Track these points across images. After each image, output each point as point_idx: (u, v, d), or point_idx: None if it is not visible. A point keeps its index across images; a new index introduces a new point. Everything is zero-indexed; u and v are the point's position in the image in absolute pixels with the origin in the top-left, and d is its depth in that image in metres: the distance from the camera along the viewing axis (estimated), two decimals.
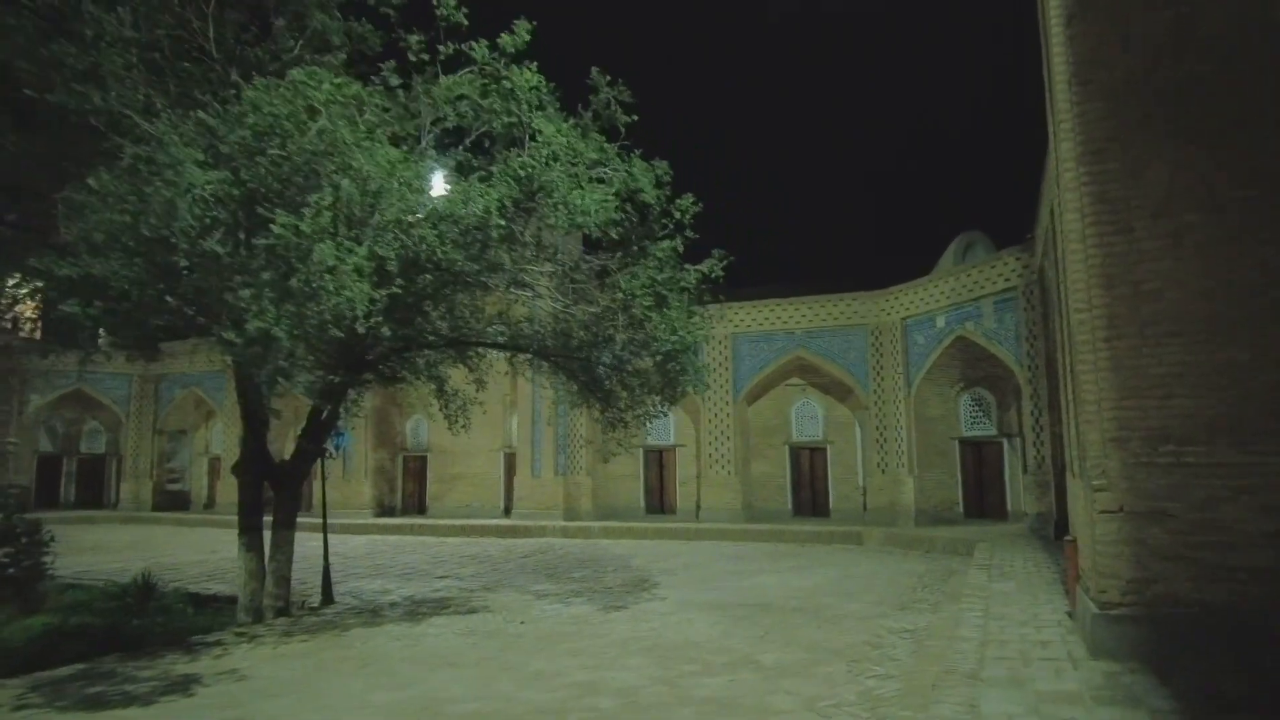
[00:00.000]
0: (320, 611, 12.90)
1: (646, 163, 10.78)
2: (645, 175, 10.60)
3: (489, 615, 11.98)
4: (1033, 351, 17.73)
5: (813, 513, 24.22)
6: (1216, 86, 6.72)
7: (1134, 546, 6.38)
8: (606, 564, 17.35)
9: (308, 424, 13.45)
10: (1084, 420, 6.79)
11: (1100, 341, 6.70)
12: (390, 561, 19.05)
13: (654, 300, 10.30)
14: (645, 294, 10.21)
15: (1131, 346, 6.64)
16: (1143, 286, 6.67)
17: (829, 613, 11.20)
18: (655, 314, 10.31)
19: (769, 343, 23.61)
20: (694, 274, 11.22)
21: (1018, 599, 9.82)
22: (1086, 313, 6.80)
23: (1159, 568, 6.30)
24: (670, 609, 11.86)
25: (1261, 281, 6.49)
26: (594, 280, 11.46)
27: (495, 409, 27.37)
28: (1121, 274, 6.72)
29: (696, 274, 11.19)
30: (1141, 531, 6.38)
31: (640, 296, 10.22)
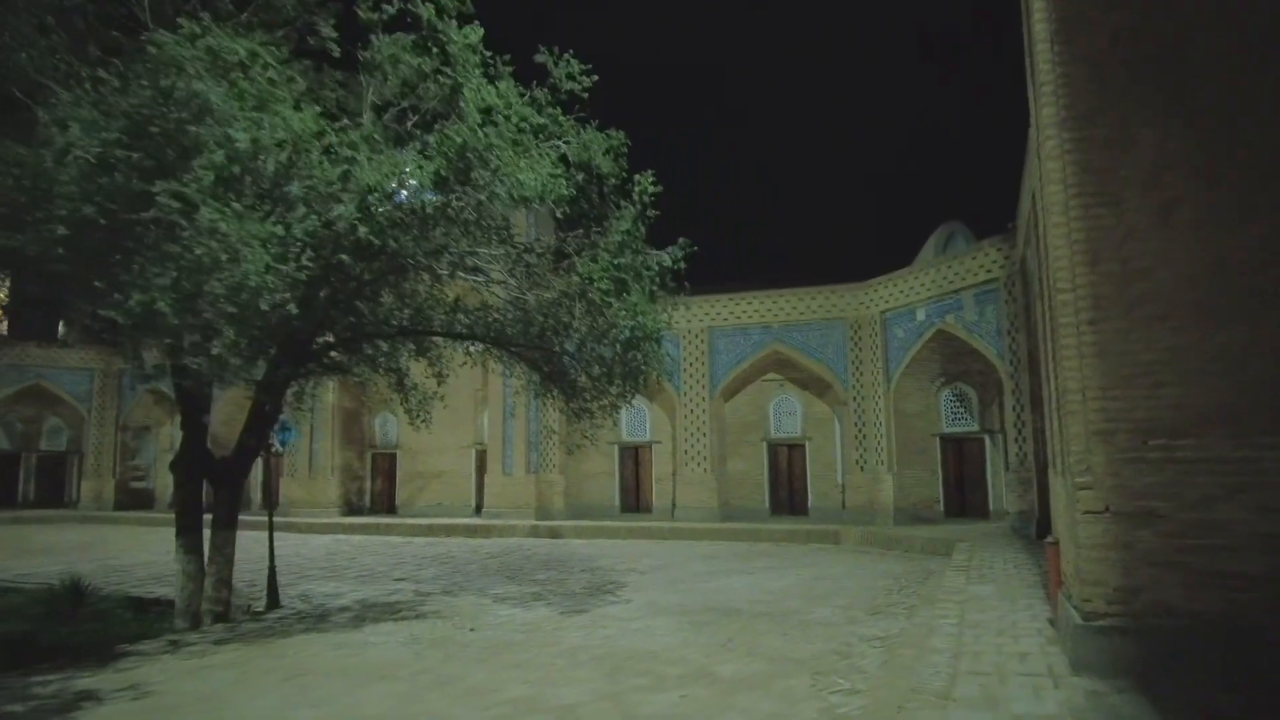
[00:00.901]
0: (264, 616, 12.17)
1: (602, 133, 10.10)
2: (599, 143, 9.92)
3: (439, 621, 11.29)
4: (1014, 345, 17.19)
5: (790, 511, 23.64)
6: (1209, 47, 6.12)
7: (1121, 551, 5.77)
8: (573, 565, 16.68)
9: (249, 419, 12.70)
10: (1067, 411, 6.18)
11: (1085, 325, 6.08)
12: (350, 563, 18.30)
13: (613, 285, 9.61)
14: (603, 278, 9.52)
15: (1118, 330, 6.02)
16: (1131, 264, 6.05)
17: (798, 618, 10.58)
18: (614, 299, 9.62)
19: (745, 337, 22.99)
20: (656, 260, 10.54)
21: (996, 604, 9.22)
22: (1070, 293, 6.18)
23: (1148, 574, 5.69)
24: (631, 614, 11.20)
25: (1260, 259, 5.89)
26: (551, 264, 10.76)
27: (466, 404, 26.66)
28: (1108, 250, 6.11)
29: (658, 261, 10.51)
30: (1129, 534, 5.77)
31: (598, 281, 9.53)
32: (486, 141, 8.49)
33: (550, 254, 10.72)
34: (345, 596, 13.74)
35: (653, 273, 10.34)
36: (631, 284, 9.70)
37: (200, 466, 12.58)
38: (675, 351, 23.63)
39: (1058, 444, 7.24)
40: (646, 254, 10.35)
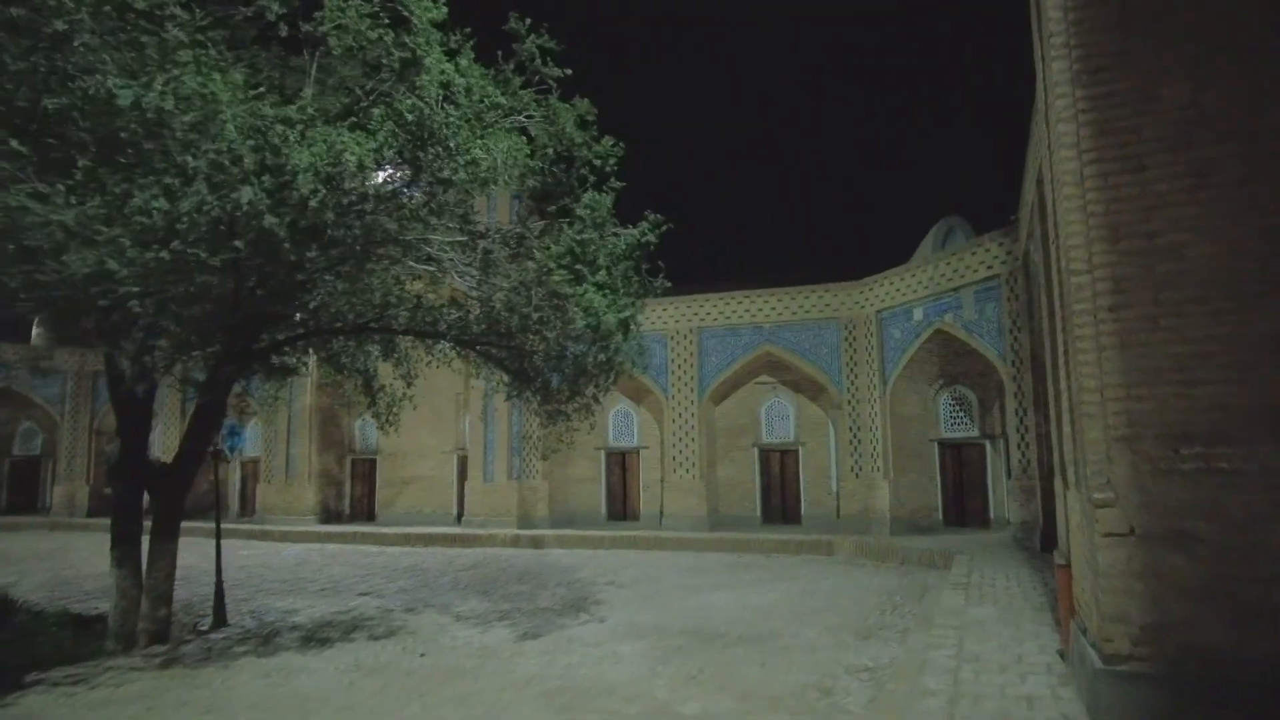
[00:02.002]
0: (206, 636, 11.23)
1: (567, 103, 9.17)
2: (566, 114, 8.99)
3: (390, 643, 10.36)
4: (1017, 344, 16.24)
5: (783, 519, 22.65)
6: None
7: (1150, 581, 4.83)
8: (550, 578, 15.72)
9: (191, 421, 11.77)
10: (1082, 414, 5.23)
11: (1104, 312, 5.14)
12: (317, 574, 17.33)
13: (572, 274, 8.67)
14: (561, 267, 8.58)
15: (1145, 317, 5.09)
16: (1159, 240, 5.11)
17: (780, 642, 9.62)
18: (570, 288, 8.67)
19: (736, 337, 22.05)
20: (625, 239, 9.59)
21: (998, 631, 8.26)
22: (1086, 275, 5.24)
23: (1183, 610, 4.75)
24: (599, 637, 10.24)
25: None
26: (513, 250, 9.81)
27: (448, 408, 25.72)
28: (1131, 223, 5.17)
29: (629, 238, 9.56)
30: (1160, 561, 4.83)
31: (556, 270, 8.59)
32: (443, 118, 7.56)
33: (513, 239, 9.78)
34: (301, 613, 12.81)
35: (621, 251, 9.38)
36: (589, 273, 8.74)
37: (140, 473, 11.63)
38: (663, 353, 22.70)
39: (1069, 451, 6.30)
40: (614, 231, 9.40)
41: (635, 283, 10.84)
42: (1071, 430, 5.85)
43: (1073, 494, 6.33)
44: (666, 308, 22.61)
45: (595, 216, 9.50)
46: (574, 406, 12.60)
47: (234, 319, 10.25)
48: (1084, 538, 5.47)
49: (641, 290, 10.97)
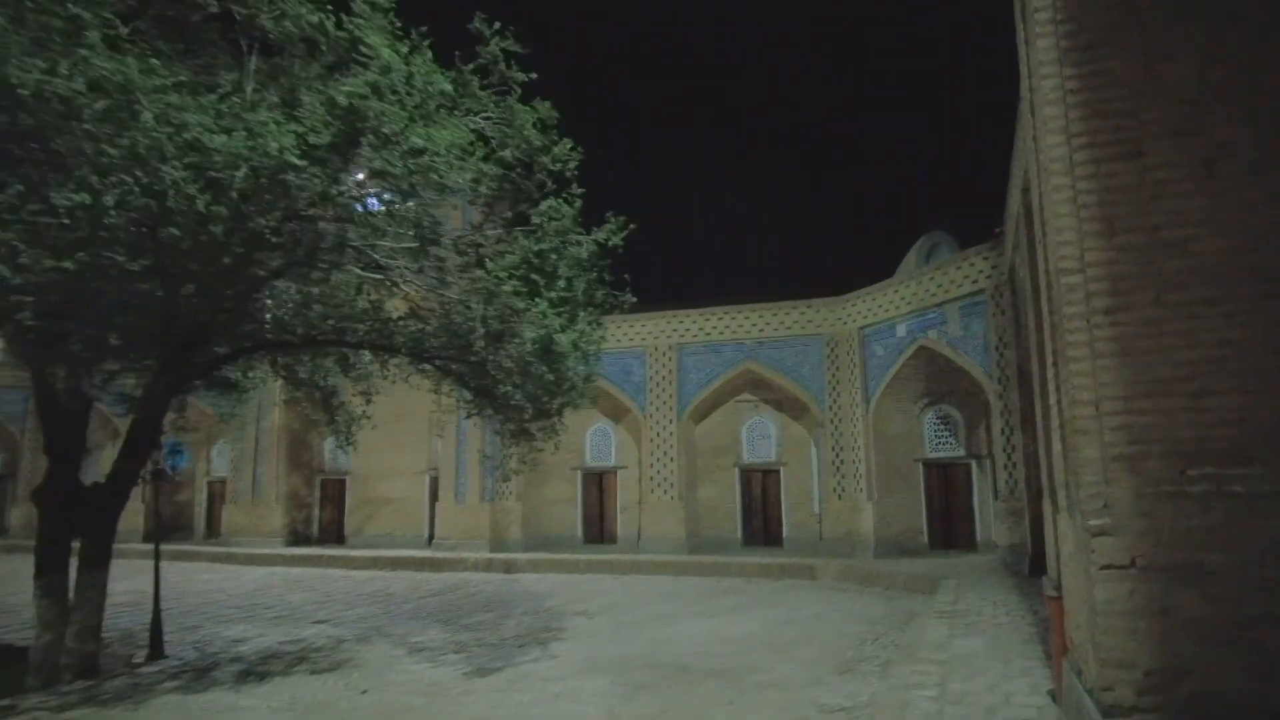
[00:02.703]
0: (138, 671, 10.43)
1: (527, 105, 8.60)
2: (526, 116, 8.41)
3: (333, 678, 9.62)
4: (1003, 361, 15.72)
5: (764, 542, 21.96)
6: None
7: (1155, 620, 4.22)
8: (517, 605, 14.97)
9: (126, 439, 11.02)
10: (1076, 430, 4.63)
11: (1099, 315, 4.56)
12: (275, 601, 16.50)
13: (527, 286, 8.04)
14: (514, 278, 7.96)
15: (1146, 321, 4.51)
16: (1161, 233, 4.55)
17: (753, 677, 8.93)
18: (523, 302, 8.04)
19: (716, 354, 21.46)
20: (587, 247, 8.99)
21: (985, 666, 7.61)
22: (1078, 274, 4.67)
23: (1196, 653, 4.14)
24: (559, 672, 9.53)
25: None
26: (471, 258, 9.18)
27: (420, 426, 24.95)
28: (1129, 216, 4.61)
29: (591, 245, 8.96)
30: (1167, 597, 4.23)
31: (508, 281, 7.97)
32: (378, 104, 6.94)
33: (467, 248, 9.15)
34: (248, 643, 12.03)
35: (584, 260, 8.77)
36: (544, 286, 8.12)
37: (68, 495, 10.85)
38: (641, 370, 22.08)
39: (1060, 472, 5.70)
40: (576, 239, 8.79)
41: (600, 295, 10.24)
42: (1063, 449, 5.26)
43: (1065, 519, 5.73)
44: (645, 323, 22.03)
45: (557, 225, 8.91)
46: (539, 425, 11.98)
47: (170, 330, 9.58)
48: (1078, 569, 4.86)
49: (607, 304, 10.37)
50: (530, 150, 8.48)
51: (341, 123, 6.71)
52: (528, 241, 8.58)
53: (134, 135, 6.03)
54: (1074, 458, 4.66)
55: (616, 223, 9.28)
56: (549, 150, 8.65)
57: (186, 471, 29.98)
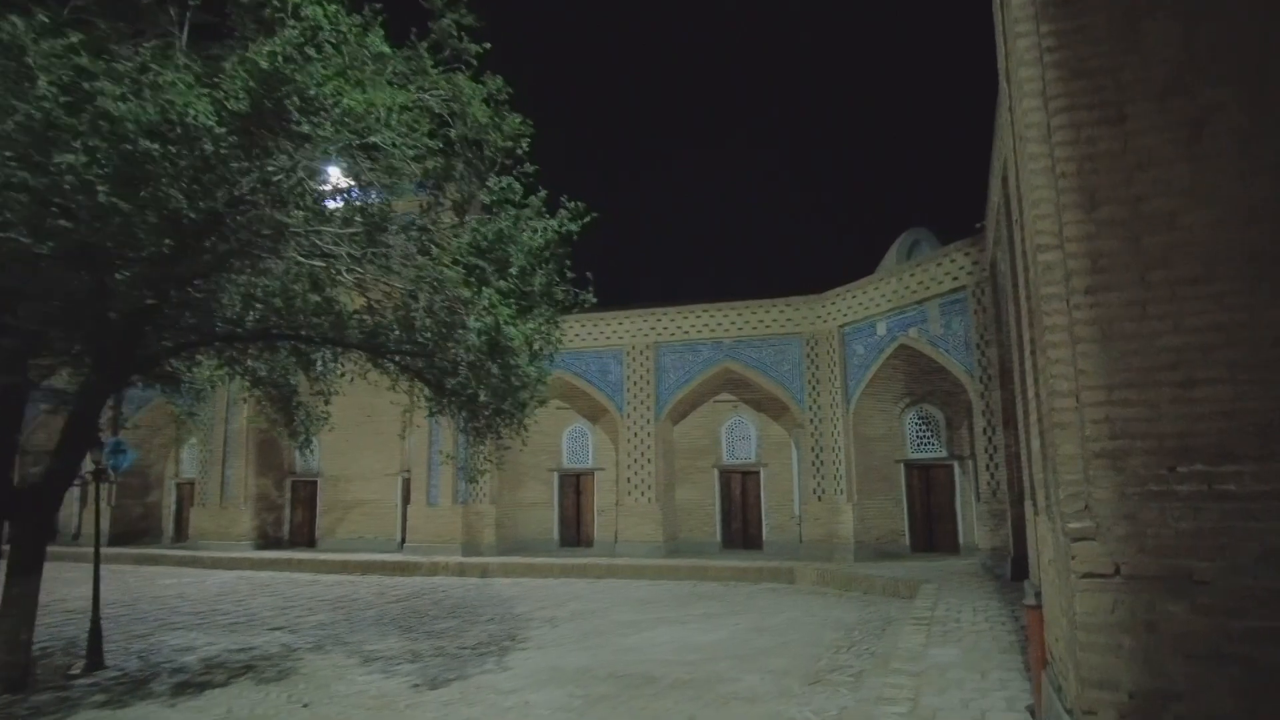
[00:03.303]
0: (70, 684, 9.84)
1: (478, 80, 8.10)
2: (474, 92, 7.92)
3: (277, 690, 9.09)
4: (985, 359, 15.33)
5: (744, 545, 21.51)
6: None
7: (1141, 635, 3.78)
8: (484, 612, 14.44)
9: (61, 437, 10.43)
10: (1054, 425, 4.19)
11: (1079, 295, 4.12)
12: (234, 606, 15.90)
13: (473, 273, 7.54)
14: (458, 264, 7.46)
15: (1130, 303, 4.08)
16: (1145, 205, 4.12)
17: (718, 689, 8.46)
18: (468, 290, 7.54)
19: (694, 353, 21.00)
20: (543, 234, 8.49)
21: (961, 678, 7.17)
22: (1055, 251, 4.23)
23: (1185, 673, 3.69)
24: (514, 683, 9.02)
25: None
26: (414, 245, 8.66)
27: (392, 427, 24.31)
28: (1110, 187, 4.18)
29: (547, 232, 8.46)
30: (1154, 609, 3.78)
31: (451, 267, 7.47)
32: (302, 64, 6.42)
33: (416, 231, 8.64)
34: (196, 651, 11.46)
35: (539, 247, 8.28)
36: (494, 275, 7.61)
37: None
38: (618, 369, 21.60)
39: (1039, 471, 5.25)
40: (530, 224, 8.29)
41: (559, 292, 9.74)
42: (1041, 445, 4.82)
43: (1044, 521, 5.28)
44: (622, 321, 21.56)
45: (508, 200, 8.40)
46: (504, 424, 11.49)
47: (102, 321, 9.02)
48: (1058, 576, 4.41)
49: (567, 302, 9.86)
50: (479, 127, 7.98)
51: (262, 87, 6.20)
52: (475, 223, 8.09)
53: (28, 107, 5.50)
54: (1053, 454, 4.22)
55: (575, 209, 8.79)
56: (499, 126, 8.15)
57: (156, 473, 29.28)
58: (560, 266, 9.19)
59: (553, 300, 9.15)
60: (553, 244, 8.91)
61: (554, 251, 8.86)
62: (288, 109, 6.41)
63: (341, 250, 8.70)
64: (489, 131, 8.37)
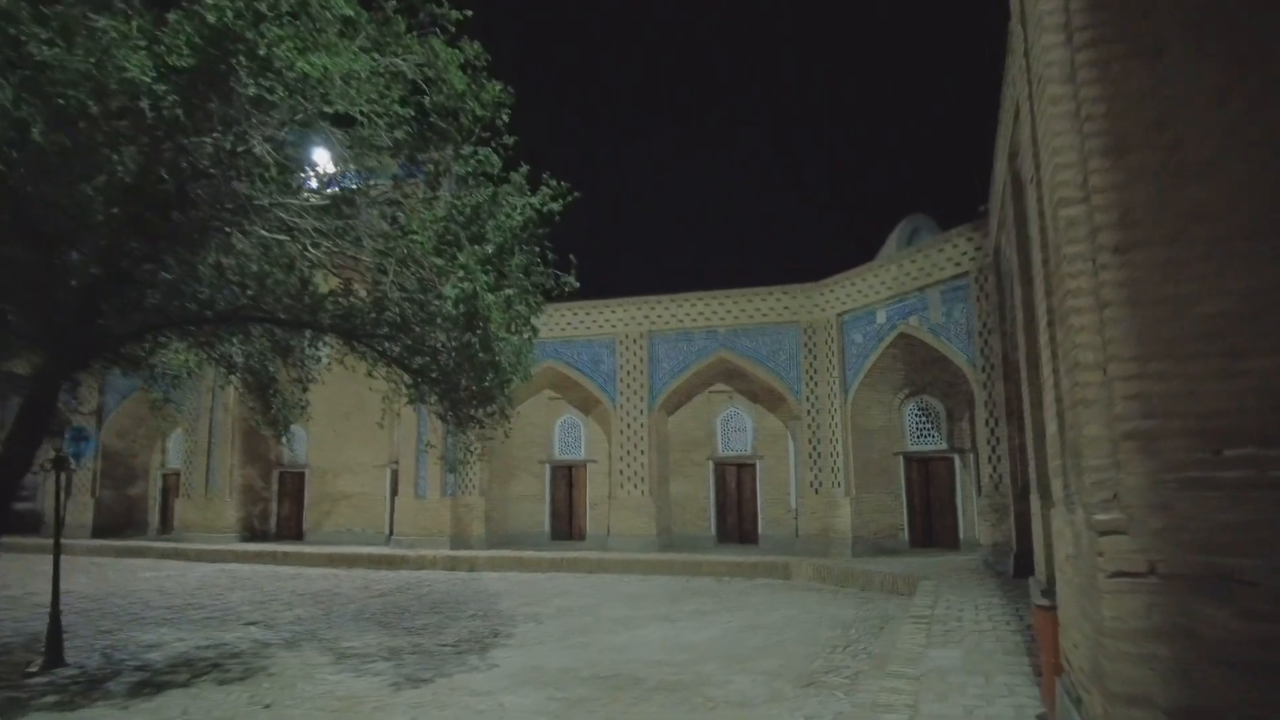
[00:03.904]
0: (26, 682, 9.33)
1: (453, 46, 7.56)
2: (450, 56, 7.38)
3: (240, 689, 8.59)
4: (987, 348, 14.81)
5: (739, 539, 21.03)
6: None
7: (1180, 644, 3.27)
8: (468, 607, 13.95)
9: (16, 423, 9.90)
10: (1078, 403, 3.67)
11: (1107, 254, 3.60)
12: (212, 600, 15.40)
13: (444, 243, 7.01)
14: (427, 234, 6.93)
15: (1165, 263, 3.56)
16: (1183, 152, 3.60)
17: (706, 692, 7.96)
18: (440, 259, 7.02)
19: (689, 343, 20.47)
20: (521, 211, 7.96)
21: (963, 683, 6.66)
22: (1080, 205, 3.71)
23: (1229, 688, 3.19)
24: (491, 684, 8.53)
25: None
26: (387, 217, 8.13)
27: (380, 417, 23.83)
28: (1145, 131, 3.65)
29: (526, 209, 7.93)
30: (1194, 615, 3.28)
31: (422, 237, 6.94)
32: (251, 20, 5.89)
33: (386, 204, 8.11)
34: (163, 649, 10.95)
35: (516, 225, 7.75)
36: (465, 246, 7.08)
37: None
38: (611, 359, 21.07)
39: (1055, 457, 4.74)
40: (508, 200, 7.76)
41: (540, 274, 9.20)
42: (1060, 428, 4.31)
43: (1060, 514, 4.77)
44: (615, 310, 21.03)
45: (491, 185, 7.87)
46: (486, 412, 10.98)
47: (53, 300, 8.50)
48: (1080, 575, 3.90)
49: (547, 285, 9.31)
50: (455, 94, 7.44)
51: (209, 44, 5.67)
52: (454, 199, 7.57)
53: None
54: (1075, 437, 3.71)
55: (557, 188, 8.26)
56: (476, 95, 7.61)
57: (141, 463, 28.74)
58: (541, 248, 8.67)
59: (532, 283, 8.63)
60: (532, 223, 8.38)
61: (534, 232, 8.33)
62: (236, 70, 5.88)
63: (307, 224, 8.18)
64: (466, 99, 7.82)
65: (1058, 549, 4.87)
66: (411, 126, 7.41)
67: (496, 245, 7.54)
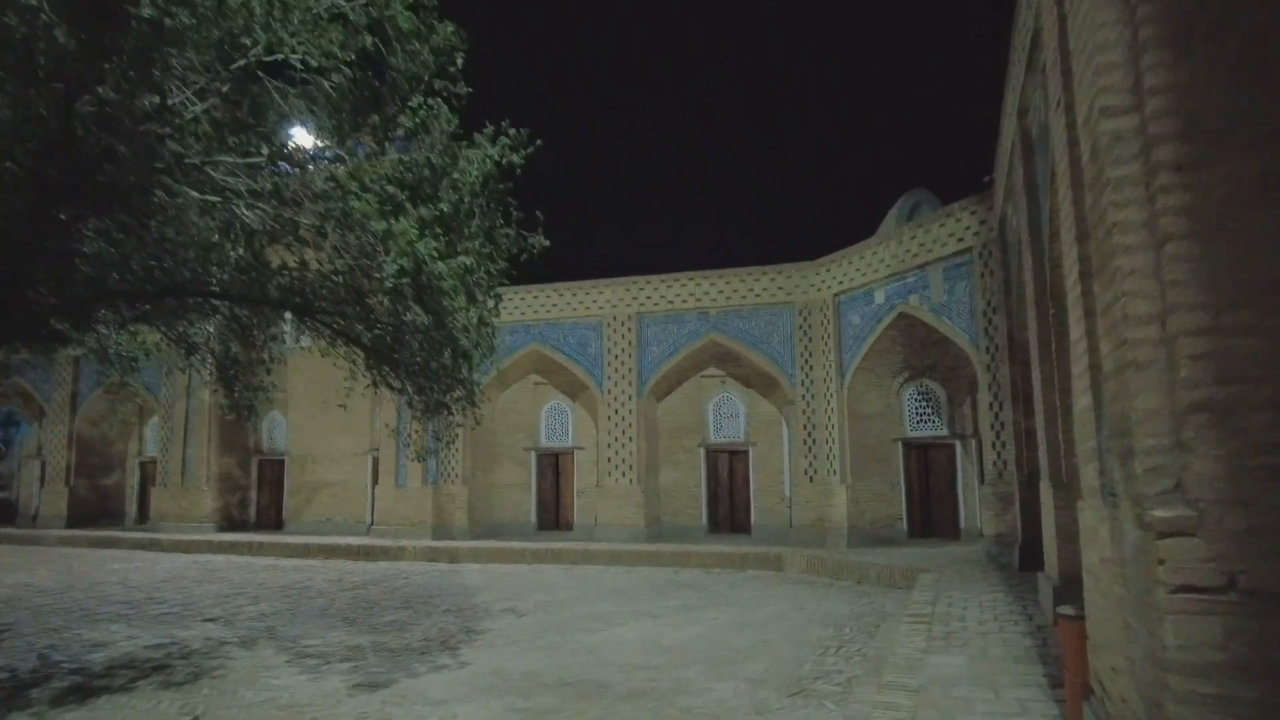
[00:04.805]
0: None
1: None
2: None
3: (177, 695, 7.84)
4: (992, 328, 13.99)
5: (731, 529, 20.26)
6: None
7: (1269, 683, 2.48)
8: (442, 602, 13.19)
9: None
10: (1126, 364, 2.87)
11: (1167, 173, 2.78)
12: (177, 594, 14.64)
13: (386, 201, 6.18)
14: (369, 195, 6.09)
15: (1246, 181, 2.74)
16: (1270, 40, 2.77)
17: (681, 702, 7.19)
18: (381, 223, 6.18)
19: (679, 325, 19.63)
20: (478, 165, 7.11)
21: (969, 696, 5.87)
22: (1131, 114, 2.89)
23: None
24: (449, 690, 7.76)
25: None
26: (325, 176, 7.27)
27: (360, 404, 23.03)
28: (1218, 14, 2.83)
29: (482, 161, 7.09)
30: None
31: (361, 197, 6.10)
32: None
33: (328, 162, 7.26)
34: (109, 648, 10.20)
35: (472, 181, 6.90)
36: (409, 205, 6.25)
37: None
38: (597, 342, 20.24)
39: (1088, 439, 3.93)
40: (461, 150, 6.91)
41: (502, 236, 8.35)
42: (1094, 402, 3.50)
43: (1093, 507, 3.95)
44: (602, 291, 20.19)
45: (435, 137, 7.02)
46: (454, 397, 10.19)
47: None
48: (1124, 586, 3.10)
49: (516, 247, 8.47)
50: (401, 35, 6.59)
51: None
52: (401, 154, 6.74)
53: None
54: (1122, 411, 2.91)
55: (516, 137, 7.40)
56: (426, 38, 6.75)
57: (117, 451, 27.93)
58: (505, 206, 7.82)
59: (496, 247, 7.79)
60: (493, 179, 7.54)
61: (494, 188, 7.49)
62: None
63: (241, 184, 7.32)
64: (414, 41, 6.96)
65: (1088, 549, 4.07)
66: (353, 71, 6.56)
67: (451, 204, 6.70)
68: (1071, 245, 3.83)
